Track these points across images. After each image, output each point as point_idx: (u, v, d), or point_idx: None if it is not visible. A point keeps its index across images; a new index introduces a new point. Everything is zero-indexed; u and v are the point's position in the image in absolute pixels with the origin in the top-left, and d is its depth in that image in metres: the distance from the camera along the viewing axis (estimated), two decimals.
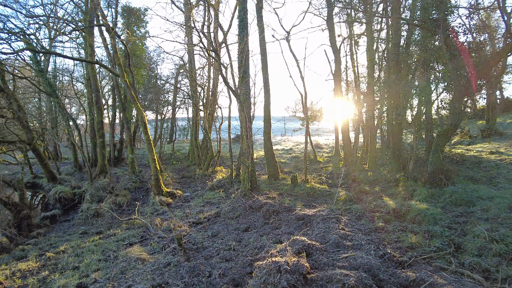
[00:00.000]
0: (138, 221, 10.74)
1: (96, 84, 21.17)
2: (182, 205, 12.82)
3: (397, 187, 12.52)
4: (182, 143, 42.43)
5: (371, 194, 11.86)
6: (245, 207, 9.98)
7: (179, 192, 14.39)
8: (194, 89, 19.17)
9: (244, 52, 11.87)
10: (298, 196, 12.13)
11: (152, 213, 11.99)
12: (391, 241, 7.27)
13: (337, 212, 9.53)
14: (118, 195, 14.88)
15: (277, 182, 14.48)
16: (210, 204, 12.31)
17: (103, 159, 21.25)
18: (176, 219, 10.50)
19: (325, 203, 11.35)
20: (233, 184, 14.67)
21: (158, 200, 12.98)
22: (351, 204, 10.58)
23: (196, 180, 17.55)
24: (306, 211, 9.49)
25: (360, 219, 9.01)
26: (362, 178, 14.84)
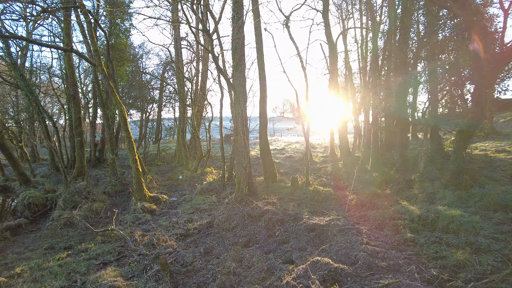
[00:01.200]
0: (115, 233, 9.02)
1: (73, 78, 19.24)
2: (168, 212, 11.13)
3: (411, 189, 11.18)
4: (169, 143, 40.47)
5: (384, 197, 10.47)
6: (242, 215, 8.40)
7: (164, 196, 12.68)
8: (181, 84, 17.48)
9: (240, 38, 10.31)
10: (300, 201, 10.64)
11: (133, 222, 10.27)
12: (430, 258, 5.83)
13: (352, 221, 8.07)
14: (95, 201, 13.06)
15: (275, 185, 12.97)
16: (201, 211, 10.67)
17: (81, 160, 19.35)
18: (160, 230, 8.83)
19: (333, 209, 9.89)
20: (225, 187, 13.06)
21: (140, 207, 11.26)
22: (366, 210, 9.15)
23: (184, 183, 15.86)
24: (315, 219, 7.98)
25: (382, 229, 7.58)
26: (367, 180, 13.48)
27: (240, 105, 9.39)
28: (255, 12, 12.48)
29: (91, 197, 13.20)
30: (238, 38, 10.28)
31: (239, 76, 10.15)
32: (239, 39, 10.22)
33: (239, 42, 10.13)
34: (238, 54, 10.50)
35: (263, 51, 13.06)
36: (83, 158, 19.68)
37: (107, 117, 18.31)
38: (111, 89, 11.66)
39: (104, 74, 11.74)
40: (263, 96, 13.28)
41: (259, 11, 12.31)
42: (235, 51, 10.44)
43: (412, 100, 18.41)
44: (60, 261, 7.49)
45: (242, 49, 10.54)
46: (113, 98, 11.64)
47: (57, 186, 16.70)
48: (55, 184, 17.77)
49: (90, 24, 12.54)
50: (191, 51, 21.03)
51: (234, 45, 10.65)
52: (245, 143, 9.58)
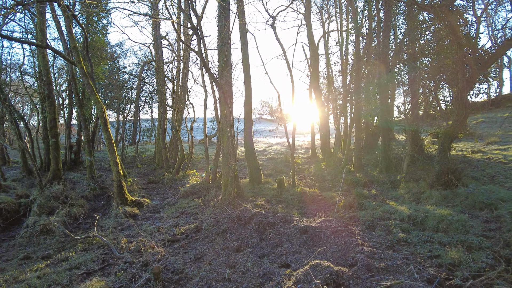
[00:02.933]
0: (98, 240, 8.51)
1: (48, 76, 18.25)
2: (152, 217, 10.69)
3: (396, 189, 11.31)
4: (146, 144, 39.45)
5: (371, 198, 10.51)
6: (231, 218, 8.14)
7: (146, 200, 12.21)
8: (161, 83, 16.99)
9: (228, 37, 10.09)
10: (288, 202, 10.51)
11: (115, 227, 9.75)
12: (425, 257, 5.82)
13: (343, 222, 8.00)
14: (73, 205, 12.35)
15: (261, 187, 12.78)
16: (186, 215, 10.31)
17: (57, 163, 18.38)
18: (145, 235, 8.43)
19: (322, 210, 9.82)
20: (209, 190, 12.73)
21: (122, 211, 10.74)
22: (355, 211, 9.13)
23: (165, 186, 15.38)
24: (306, 221, 7.85)
25: (374, 229, 7.55)
26: (352, 180, 13.55)
27: (228, 104, 9.14)
28: (240, 12, 12.29)
29: (68, 202, 12.51)
30: (225, 37, 10.06)
31: (225, 76, 9.91)
32: (226, 38, 9.99)
33: (226, 41, 9.90)
34: (225, 54, 10.26)
35: (248, 51, 12.88)
36: (58, 160, 18.71)
37: (84, 118, 17.56)
38: (90, 88, 11.10)
39: (84, 73, 11.16)
40: (248, 96, 13.09)
41: (244, 10, 12.13)
42: (222, 50, 10.20)
43: (390, 103, 18.82)
44: (38, 272, 6.94)
45: (228, 48, 10.31)
46: (93, 98, 11.08)
47: (30, 191, 15.73)
48: (28, 188, 16.77)
49: (68, 19, 11.91)
50: (172, 51, 20.55)
51: (220, 44, 10.41)
52: (233, 144, 9.33)
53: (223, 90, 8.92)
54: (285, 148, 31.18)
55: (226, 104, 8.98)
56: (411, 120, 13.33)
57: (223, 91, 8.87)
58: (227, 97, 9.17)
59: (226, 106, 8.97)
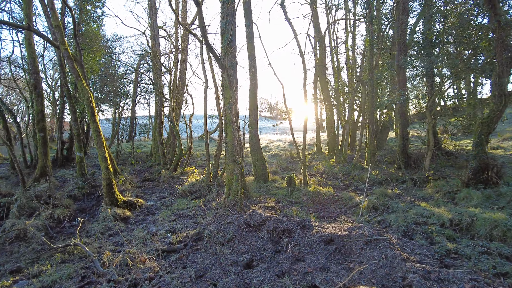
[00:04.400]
0: (80, 249, 7.19)
1: (35, 65, 16.79)
2: (145, 220, 9.35)
3: (422, 188, 10.01)
4: (144, 141, 38.06)
5: (396, 198, 9.20)
6: (239, 224, 6.81)
7: (140, 201, 10.86)
8: (158, 73, 15.62)
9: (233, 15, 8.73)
10: (301, 204, 9.19)
11: (102, 233, 8.42)
12: (491, 276, 4.53)
13: (373, 228, 6.69)
14: (57, 206, 11.02)
15: (268, 185, 11.46)
16: (184, 218, 8.98)
17: (45, 159, 17.05)
18: (136, 243, 7.11)
19: (342, 212, 8.50)
20: (210, 189, 11.40)
21: (112, 214, 9.40)
22: (382, 214, 7.81)
23: (162, 184, 14.03)
24: (328, 227, 6.55)
25: (411, 237, 6.25)
26: (369, 178, 12.25)
27: (233, 89, 7.80)
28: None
29: (52, 202, 11.17)
30: (229, 14, 8.69)
31: (230, 58, 8.55)
32: (230, 15, 8.63)
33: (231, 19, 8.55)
34: (228, 34, 8.89)
35: (254, 34, 11.52)
36: (46, 156, 17.38)
37: (74, 110, 16.15)
38: (76, 73, 9.72)
39: (68, 55, 9.79)
40: (254, 86, 11.73)
41: None
42: (225, 29, 8.83)
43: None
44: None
45: (233, 26, 8.95)
46: (79, 84, 9.71)
47: (16, 189, 14.39)
48: (14, 186, 15.42)
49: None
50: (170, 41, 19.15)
51: (224, 22, 9.04)
52: (239, 136, 8.01)
53: (227, 72, 7.58)
54: (287, 145, 29.90)
55: (231, 88, 7.64)
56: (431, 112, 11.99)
57: (227, 74, 7.53)
58: (232, 81, 7.83)
59: (231, 91, 7.63)
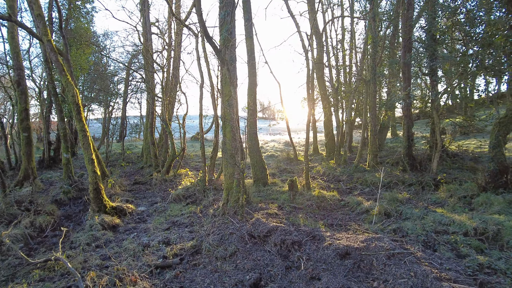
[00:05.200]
0: (62, 264, 6.38)
1: (18, 60, 15.80)
2: (136, 228, 8.55)
3: (432, 192, 9.42)
4: (134, 141, 37.02)
5: (408, 203, 8.58)
6: (241, 235, 6.08)
7: (130, 206, 10.05)
8: (150, 70, 14.79)
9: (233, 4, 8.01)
10: (306, 210, 8.50)
11: (88, 244, 7.60)
12: None
13: (391, 237, 6.02)
14: (39, 213, 10.15)
15: (268, 189, 10.76)
16: (179, 226, 8.21)
17: (29, 160, 16.09)
18: (126, 257, 6.33)
19: (351, 219, 7.83)
20: (207, 193, 10.65)
21: (99, 221, 8.57)
22: (395, 221, 7.17)
23: (154, 187, 13.21)
24: (342, 238, 5.87)
25: (434, 248, 5.60)
26: (371, 181, 11.66)
27: (233, 84, 7.07)
28: None
29: (34, 208, 10.27)
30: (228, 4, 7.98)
31: (230, 51, 7.82)
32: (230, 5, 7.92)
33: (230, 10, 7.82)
34: (227, 25, 8.15)
35: (253, 28, 10.82)
36: (31, 157, 16.43)
37: (60, 109, 15.22)
38: (60, 67, 8.88)
39: (51, 47, 8.93)
40: (252, 83, 11.02)
41: None
42: (224, 21, 8.11)
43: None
44: None
45: (232, 18, 8.22)
46: (63, 80, 8.86)
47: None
48: None
49: None
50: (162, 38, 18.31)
51: (222, 14, 8.31)
52: (239, 136, 7.29)
53: (227, 66, 6.85)
54: (282, 145, 29.27)
55: (232, 84, 6.91)
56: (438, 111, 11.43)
57: (227, 68, 6.80)
58: (232, 75, 7.09)
59: (231, 87, 6.90)
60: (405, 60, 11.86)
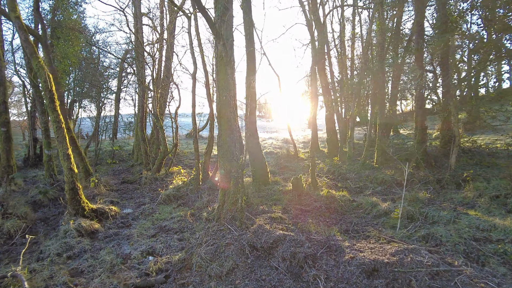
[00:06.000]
0: (20, 282, 5.21)
1: None
2: (118, 235, 7.38)
3: (454, 190, 8.35)
4: (129, 139, 35.66)
5: (431, 205, 7.49)
6: (241, 246, 4.94)
7: (113, 209, 8.86)
8: (140, 59, 13.60)
9: None
10: (315, 212, 7.37)
11: (59, 254, 6.42)
12: None
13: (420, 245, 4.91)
14: (9, 217, 8.95)
15: (269, 188, 9.62)
16: (167, 233, 7.06)
17: (8, 158, 14.91)
18: (102, 271, 5.19)
19: (367, 223, 6.72)
20: (200, 194, 9.49)
21: (75, 227, 7.38)
22: (423, 227, 6.06)
23: (143, 187, 12.03)
24: (364, 248, 4.77)
25: (480, 262, 4.50)
26: (382, 178, 10.58)
27: (230, 65, 5.92)
28: None
29: (3, 211, 9.06)
30: None
31: (226, 26, 6.66)
32: None
33: None
34: None
35: (251, 8, 9.65)
36: (10, 154, 15.21)
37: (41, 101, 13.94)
38: (30, 49, 7.65)
39: (20, 25, 7.70)
40: (251, 70, 9.85)
41: None
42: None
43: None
44: None
45: None
46: (34, 63, 7.66)
47: None
48: None
49: None
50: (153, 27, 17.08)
51: None
52: (238, 128, 6.15)
53: (223, 41, 5.69)
54: (281, 142, 28.10)
55: (228, 63, 5.76)
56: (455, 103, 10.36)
57: (223, 43, 5.65)
58: (228, 53, 5.94)
59: (227, 67, 5.75)
60: (418, 46, 10.77)
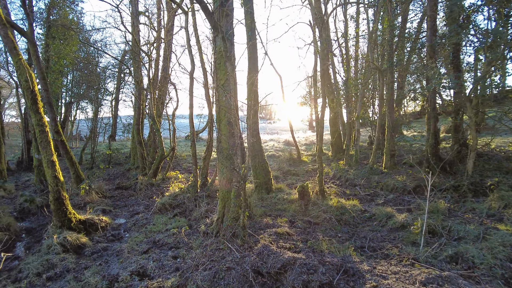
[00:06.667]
0: None
1: None
2: (107, 250, 6.67)
3: (478, 200, 7.65)
4: (128, 140, 34.97)
5: (451, 216, 6.79)
6: (243, 271, 4.24)
7: (104, 219, 8.15)
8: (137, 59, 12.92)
9: None
10: (325, 225, 6.65)
11: (39, 274, 5.72)
12: None
13: (450, 268, 4.21)
14: None
15: (273, 197, 8.92)
16: (161, 248, 6.36)
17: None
18: None
19: (384, 238, 6.00)
20: (198, 202, 8.78)
21: (60, 241, 6.67)
22: (447, 242, 5.35)
23: (138, 193, 11.33)
24: (388, 274, 4.07)
25: None
26: (394, 185, 9.89)
27: (231, 60, 5.23)
28: None
29: None
30: None
31: (224, 20, 5.97)
32: None
33: None
34: None
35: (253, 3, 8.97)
36: (0, 157, 14.64)
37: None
38: (10, 44, 6.96)
39: None
40: (253, 69, 9.17)
41: None
42: None
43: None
44: None
45: None
46: (14, 59, 6.97)
47: None
48: None
49: None
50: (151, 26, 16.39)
51: None
52: (239, 132, 5.47)
53: (222, 34, 5.00)
54: (282, 144, 27.40)
55: (228, 58, 5.07)
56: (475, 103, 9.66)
57: (222, 36, 4.95)
58: (228, 47, 5.25)
59: (227, 63, 5.06)
60: (432, 43, 10.08)
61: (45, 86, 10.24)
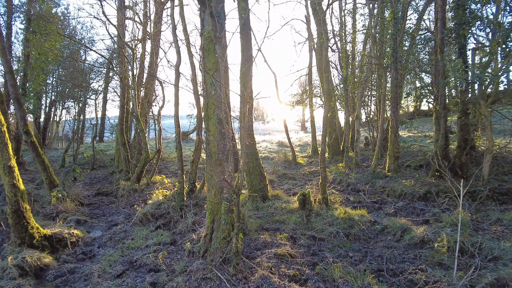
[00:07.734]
0: None
1: None
2: (74, 273, 5.59)
3: (501, 209, 6.78)
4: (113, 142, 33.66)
5: (478, 229, 5.89)
6: None
7: (75, 233, 7.05)
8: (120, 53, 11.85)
9: None
10: (332, 242, 5.68)
11: None
12: None
13: None
14: None
15: (269, 206, 7.93)
16: (138, 271, 5.31)
17: None
18: None
19: (404, 259, 5.05)
20: (184, 212, 7.75)
21: (17, 263, 5.57)
22: (483, 264, 4.44)
23: (119, 200, 10.24)
24: None
25: None
26: (402, 191, 8.99)
27: (221, 43, 4.24)
28: None
29: None
30: None
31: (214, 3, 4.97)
32: None
33: None
34: None
35: None
36: None
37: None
38: None
39: None
40: (247, 58, 8.18)
41: None
42: None
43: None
44: None
45: None
46: None
47: None
48: None
49: None
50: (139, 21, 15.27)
51: None
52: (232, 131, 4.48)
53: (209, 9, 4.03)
54: (276, 145, 26.49)
55: (218, 41, 4.09)
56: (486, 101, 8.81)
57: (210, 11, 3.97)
58: (219, 28, 4.27)
59: (216, 45, 4.08)
60: (442, 36, 9.24)
61: (12, 81, 9.11)
